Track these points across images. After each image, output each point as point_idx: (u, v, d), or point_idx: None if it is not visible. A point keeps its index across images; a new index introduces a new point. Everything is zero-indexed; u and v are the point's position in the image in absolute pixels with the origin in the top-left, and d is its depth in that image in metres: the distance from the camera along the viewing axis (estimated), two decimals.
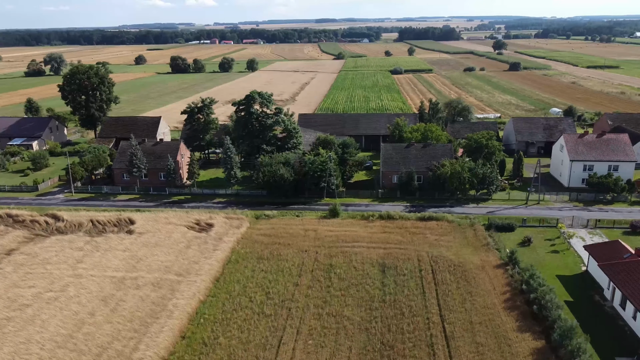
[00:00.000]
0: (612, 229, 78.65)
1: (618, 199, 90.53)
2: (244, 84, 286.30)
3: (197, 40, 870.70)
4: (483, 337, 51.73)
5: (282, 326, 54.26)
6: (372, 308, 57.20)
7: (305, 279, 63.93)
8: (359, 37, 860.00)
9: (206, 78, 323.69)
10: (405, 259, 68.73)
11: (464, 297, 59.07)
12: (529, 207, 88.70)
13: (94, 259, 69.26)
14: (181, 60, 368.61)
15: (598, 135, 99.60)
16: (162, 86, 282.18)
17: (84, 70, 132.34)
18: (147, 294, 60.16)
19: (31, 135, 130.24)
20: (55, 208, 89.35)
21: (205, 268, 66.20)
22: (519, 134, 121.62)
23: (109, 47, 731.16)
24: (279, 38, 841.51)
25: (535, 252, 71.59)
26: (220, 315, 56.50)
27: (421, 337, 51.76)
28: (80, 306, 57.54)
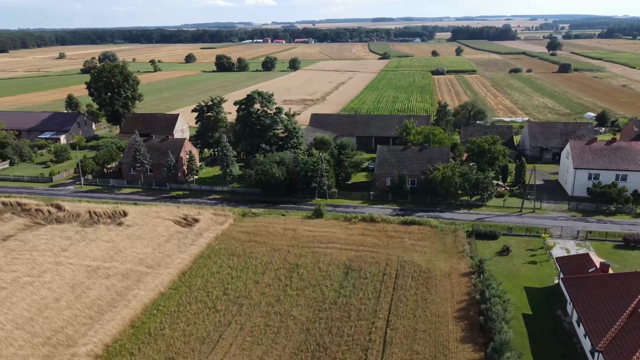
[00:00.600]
0: (604, 241, 74.72)
1: (622, 211, 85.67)
2: (282, 82, 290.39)
3: (251, 39, 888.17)
4: (422, 345, 50.97)
5: (228, 322, 55.64)
6: (321, 309, 57.51)
7: (267, 277, 65.01)
8: (411, 36, 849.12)
9: (247, 76, 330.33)
10: (373, 262, 68.42)
11: (418, 304, 58.23)
12: (523, 215, 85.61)
13: (78, 248, 73.30)
14: (226, 59, 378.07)
15: (607, 143, 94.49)
16: (203, 84, 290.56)
17: (110, 69, 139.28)
18: (113, 284, 63.21)
19: (60, 130, 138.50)
20: (60, 198, 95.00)
21: (176, 262, 68.60)
22: (533, 139, 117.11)
23: (165, 46, 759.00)
24: (330, 37, 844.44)
25: (512, 261, 69.25)
26: (174, 307, 58.59)
27: (359, 341, 51.65)
28: (50, 292, 61.28)
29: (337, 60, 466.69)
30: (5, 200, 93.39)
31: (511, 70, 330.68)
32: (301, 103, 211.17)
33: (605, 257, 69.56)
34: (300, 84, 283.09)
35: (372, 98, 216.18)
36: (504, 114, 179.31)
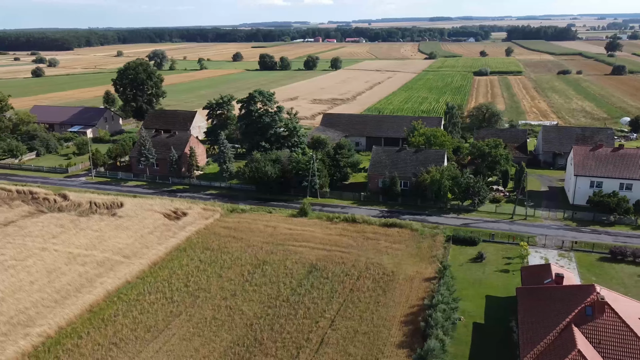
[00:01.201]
0: (590, 253, 71.12)
1: (622, 222, 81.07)
2: (319, 82, 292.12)
3: (302, 38, 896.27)
4: (358, 347, 50.80)
5: (179, 312, 57.56)
6: (271, 306, 58.35)
7: (231, 272, 66.49)
8: (465, 36, 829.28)
9: (287, 75, 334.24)
10: (339, 262, 68.45)
11: (369, 307, 57.90)
12: (513, 222, 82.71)
13: (67, 236, 77.59)
14: (268, 57, 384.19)
15: (614, 149, 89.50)
16: (242, 82, 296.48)
17: (134, 67, 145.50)
18: (87, 271, 66.63)
19: (88, 124, 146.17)
20: (68, 188, 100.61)
21: (151, 253, 71.40)
22: (547, 143, 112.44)
23: (218, 44, 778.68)
24: (381, 37, 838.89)
25: (484, 269, 67.32)
26: (134, 296, 61.13)
27: (296, 339, 52.11)
28: (28, 275, 65.37)
29: (383, 60, 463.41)
30: (20, 188, 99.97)
31: (559, 72, 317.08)
32: (330, 102, 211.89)
33: (586, 269, 66.57)
34: (336, 83, 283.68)
35: (401, 98, 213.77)
36: (534, 117, 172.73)
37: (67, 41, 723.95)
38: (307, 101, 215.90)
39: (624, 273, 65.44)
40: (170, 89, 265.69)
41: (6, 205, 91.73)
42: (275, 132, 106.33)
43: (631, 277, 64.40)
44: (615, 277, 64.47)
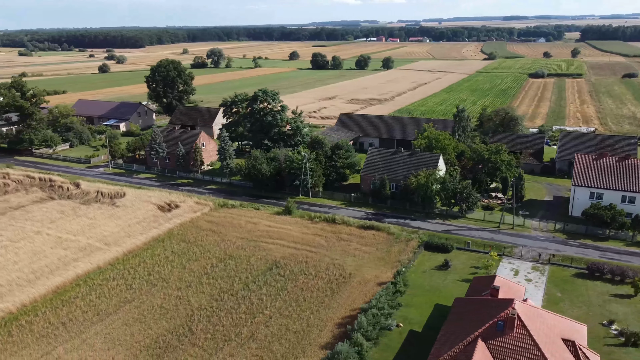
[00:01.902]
0: (567, 267, 67.38)
1: (617, 237, 75.90)
2: (364, 81, 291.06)
3: (365, 37, 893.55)
4: (282, 345, 51.57)
5: (132, 299, 60.73)
6: (218, 299, 60.21)
7: (195, 264, 68.99)
8: (536, 36, 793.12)
9: (335, 74, 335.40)
10: (302, 261, 69.19)
11: (311, 306, 58.35)
12: (498, 231, 79.63)
13: (64, 221, 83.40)
14: (320, 57, 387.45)
15: (620, 159, 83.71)
16: (288, 80, 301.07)
17: (165, 65, 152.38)
18: (66, 255, 71.51)
19: (122, 118, 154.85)
20: (83, 178, 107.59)
21: (130, 242, 75.41)
22: (563, 151, 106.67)
23: (280, 43, 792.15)
24: (446, 36, 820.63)
25: (445, 276, 65.66)
26: (99, 281, 65.01)
27: (227, 333, 53.64)
28: (14, 255, 71.14)
29: (439, 60, 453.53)
30: (42, 176, 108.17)
31: (624, 75, 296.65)
32: (365, 102, 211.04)
33: (554, 284, 63.39)
34: (380, 83, 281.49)
35: (439, 100, 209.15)
36: (573, 123, 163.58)
37: (140, 39, 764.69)
38: (343, 101, 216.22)
39: (595, 291, 61.58)
40: (220, 86, 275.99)
41: (24, 190, 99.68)
42: (279, 130, 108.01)
43: (600, 295, 60.53)
44: (583, 294, 60.84)
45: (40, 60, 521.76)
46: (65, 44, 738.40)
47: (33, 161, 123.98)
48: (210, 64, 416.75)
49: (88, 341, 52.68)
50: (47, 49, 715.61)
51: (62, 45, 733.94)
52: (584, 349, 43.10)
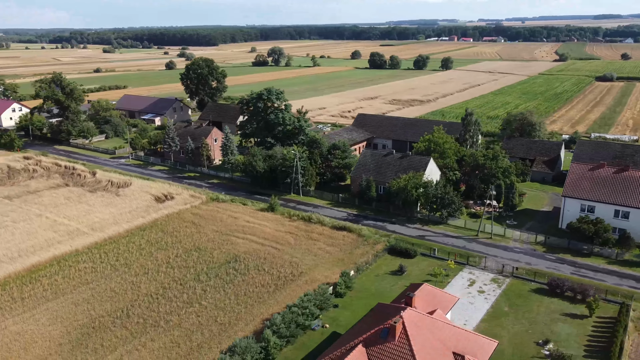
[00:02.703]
0: (529, 281, 64.02)
1: (600, 253, 70.73)
2: (413, 82, 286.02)
3: (437, 37, 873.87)
4: (203, 334, 53.50)
5: (91, 281, 65.13)
6: (165, 287, 63.18)
7: (162, 254, 72.45)
8: (624, 36, 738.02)
9: (390, 74, 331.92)
10: (261, 257, 70.69)
11: (247, 301, 59.83)
12: (474, 240, 76.76)
13: (66, 207, 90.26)
14: (378, 56, 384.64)
15: (618, 170, 77.64)
16: (340, 80, 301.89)
17: (198, 63, 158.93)
18: (54, 237, 77.62)
19: (158, 113, 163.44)
20: (102, 167, 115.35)
21: (113, 229, 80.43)
22: (577, 159, 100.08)
23: (347, 42, 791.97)
24: (522, 36, 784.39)
25: (396, 282, 64.63)
26: (70, 263, 70.05)
27: (159, 318, 56.38)
28: (10, 235, 78.20)
29: (506, 61, 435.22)
30: (67, 164, 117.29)
31: None
32: (404, 103, 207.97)
33: (506, 298, 60.82)
34: (431, 83, 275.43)
35: (480, 103, 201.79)
36: (619, 131, 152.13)
37: (214, 37, 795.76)
38: (383, 101, 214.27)
39: (547, 308, 58.19)
40: (272, 84, 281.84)
41: (46, 177, 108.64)
42: (283, 129, 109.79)
43: (551, 313, 57.15)
44: (532, 311, 57.74)
45: (119, 57, 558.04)
46: (145, 42, 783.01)
47: (68, 150, 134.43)
48: (270, 62, 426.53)
49: (36, 316, 57.40)
50: (130, 47, 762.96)
51: (142, 43, 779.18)
52: None
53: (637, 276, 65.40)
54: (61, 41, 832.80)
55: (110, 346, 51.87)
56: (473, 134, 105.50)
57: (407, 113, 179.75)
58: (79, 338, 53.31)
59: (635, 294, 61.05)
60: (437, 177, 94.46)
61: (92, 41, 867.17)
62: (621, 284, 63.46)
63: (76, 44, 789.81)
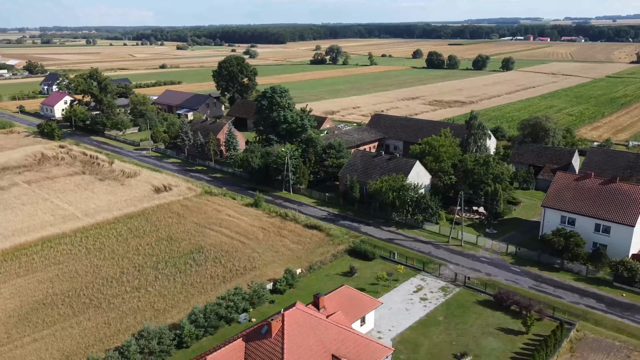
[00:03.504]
0: (478, 292, 61.59)
1: (570, 269, 66.44)
2: (462, 83, 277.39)
3: (512, 36, 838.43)
4: (135, 318, 56.58)
5: (62, 261, 70.24)
6: (123, 272, 66.98)
7: (135, 241, 76.55)
8: None
9: (443, 74, 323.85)
10: (224, 250, 73.12)
11: (189, 291, 62.48)
12: (443, 246, 74.61)
13: (72, 193, 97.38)
14: (436, 56, 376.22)
15: (605, 182, 72.22)
16: (389, 79, 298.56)
17: (229, 60, 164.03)
18: (48, 220, 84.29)
19: (192, 108, 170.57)
20: (121, 158, 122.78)
21: (103, 216, 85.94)
22: (586, 167, 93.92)
23: (413, 41, 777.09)
24: (606, 36, 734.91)
25: (343, 283, 63.95)
26: (52, 244, 75.70)
27: (103, 300, 60.21)
28: (14, 216, 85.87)
29: (577, 62, 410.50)
30: (93, 153, 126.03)
31: None
32: (444, 104, 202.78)
33: (446, 307, 59.31)
34: (482, 85, 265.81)
35: (521, 106, 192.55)
36: None
37: (282, 36, 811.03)
38: (422, 102, 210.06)
39: (485, 321, 55.90)
40: (322, 82, 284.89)
41: (69, 164, 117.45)
42: (287, 127, 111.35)
43: (487, 327, 54.89)
44: (467, 322, 55.72)
45: (189, 54, 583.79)
46: (218, 40, 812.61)
47: (100, 141, 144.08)
48: (328, 61, 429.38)
49: (2, 290, 63.10)
50: (203, 44, 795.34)
51: (215, 41, 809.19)
52: None
53: (600, 295, 61.04)
54: (141, 38, 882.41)
55: (50, 322, 56.18)
56: (477, 139, 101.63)
57: (440, 115, 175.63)
58: (27, 312, 58.15)
59: (589, 314, 57.26)
60: (427, 180, 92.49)
61: (170, 38, 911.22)
62: (579, 303, 59.56)
63: (154, 41, 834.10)
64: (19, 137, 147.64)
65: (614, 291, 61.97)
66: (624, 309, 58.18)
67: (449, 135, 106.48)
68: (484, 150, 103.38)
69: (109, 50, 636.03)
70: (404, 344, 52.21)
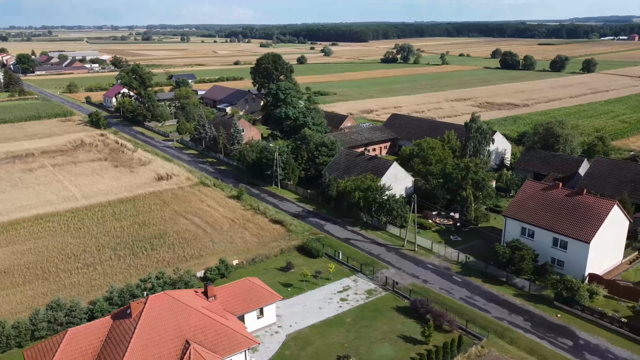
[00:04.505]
0: (402, 298, 59.92)
1: (515, 284, 62.35)
2: (530, 85, 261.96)
3: (614, 36, 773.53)
4: (65, 293, 61.57)
5: (42, 237, 77.38)
6: (85, 250, 72.72)
7: (112, 224, 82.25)
8: None
9: (513, 76, 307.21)
10: (185, 237, 76.96)
11: (130, 272, 66.60)
12: (394, 249, 72.88)
13: (84, 177, 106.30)
14: (510, 56, 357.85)
15: (571, 193, 66.51)
16: (450, 79, 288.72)
17: (265, 58, 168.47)
18: (51, 200, 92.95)
19: (231, 103, 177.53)
20: (147, 147, 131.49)
21: (98, 199, 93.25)
22: (588, 178, 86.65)
23: (500, 40, 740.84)
24: None
25: (275, 277, 65.43)
26: (42, 221, 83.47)
27: (55, 273, 66.09)
28: (25, 194, 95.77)
29: None
30: (123, 142, 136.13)
31: None
32: (493, 107, 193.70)
33: (362, 310, 58.53)
34: (548, 87, 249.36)
35: (574, 110, 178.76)
36: None
37: (365, 34, 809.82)
38: (471, 103, 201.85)
39: (390, 327, 54.55)
40: (380, 81, 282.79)
41: (98, 151, 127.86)
42: (291, 123, 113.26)
43: (388, 332, 53.64)
44: (371, 327, 54.72)
45: (269, 50, 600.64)
46: (301, 37, 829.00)
47: (138, 130, 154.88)
48: (399, 60, 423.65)
49: None
50: (287, 42, 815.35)
51: (298, 38, 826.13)
52: (199, 352, 42.58)
53: (532, 313, 56.97)
54: (231, 36, 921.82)
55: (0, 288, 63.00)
56: (477, 142, 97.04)
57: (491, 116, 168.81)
58: None
59: (508, 331, 53.95)
60: (409, 183, 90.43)
61: (258, 36, 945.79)
62: (503, 319, 56.10)
63: (242, 39, 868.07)
64: (72, 125, 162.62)
65: (551, 311, 57.54)
66: (549, 330, 53.99)
67: (453, 137, 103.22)
68: (484, 154, 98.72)
69: (196, 47, 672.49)
70: (296, 340, 52.55)
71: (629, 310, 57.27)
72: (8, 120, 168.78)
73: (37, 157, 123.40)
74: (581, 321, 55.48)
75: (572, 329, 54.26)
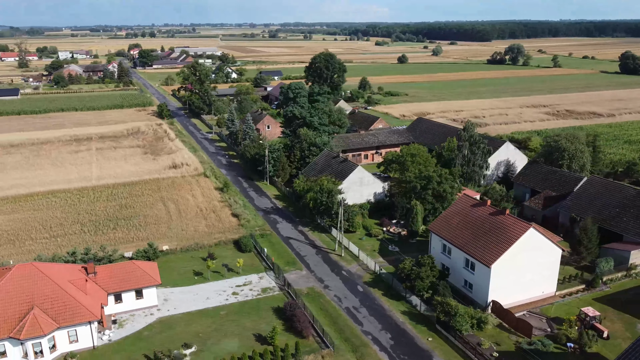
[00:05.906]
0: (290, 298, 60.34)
1: (410, 300, 59.09)
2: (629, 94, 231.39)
3: None
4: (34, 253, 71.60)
5: (41, 208, 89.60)
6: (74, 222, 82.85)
7: (102, 204, 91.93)
8: None
9: (625, 81, 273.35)
10: (149, 220, 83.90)
11: (80, 244, 74.87)
12: (326, 254, 72.44)
13: (112, 160, 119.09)
14: (633, 60, 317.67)
15: (495, 212, 60.64)
16: (544, 84, 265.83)
17: (318, 57, 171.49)
18: (70, 178, 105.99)
19: None
20: (184, 137, 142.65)
21: (107, 181, 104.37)
22: (575, 199, 77.45)
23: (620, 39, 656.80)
24: None
25: (194, 264, 69.37)
26: (51, 195, 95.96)
27: (44, 235, 76.90)
28: (53, 171, 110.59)
29: None
30: (168, 131, 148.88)
31: None
32: (570, 115, 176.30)
33: (242, 306, 60.40)
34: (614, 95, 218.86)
35: None
36: None
37: (488, 33, 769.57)
38: (546, 111, 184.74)
39: (254, 325, 55.56)
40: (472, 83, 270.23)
41: (142, 138, 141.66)
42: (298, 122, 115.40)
43: (249, 330, 54.81)
44: (237, 321, 56.31)
45: (381, 49, 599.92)
46: (420, 36, 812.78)
47: (193, 122, 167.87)
48: (508, 61, 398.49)
49: None
50: (406, 40, 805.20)
51: (417, 37, 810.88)
52: (37, 316, 48.36)
53: (405, 333, 54.04)
54: (349, 34, 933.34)
55: None
56: (468, 152, 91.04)
57: (546, 125, 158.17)
58: None
59: (364, 346, 52.24)
60: (379, 188, 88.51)
61: (380, 34, 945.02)
62: (369, 333, 54.21)
63: (361, 37, 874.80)
64: (143, 114, 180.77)
65: (428, 334, 54.04)
66: (409, 353, 51.06)
67: (454, 145, 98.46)
68: (479, 163, 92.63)
69: (312, 45, 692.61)
70: (162, 324, 56.02)
71: (513, 345, 51.79)
72: (95, 108, 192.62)
73: (93, 141, 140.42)
74: (449, 349, 51.57)
75: (432, 354, 50.78)
